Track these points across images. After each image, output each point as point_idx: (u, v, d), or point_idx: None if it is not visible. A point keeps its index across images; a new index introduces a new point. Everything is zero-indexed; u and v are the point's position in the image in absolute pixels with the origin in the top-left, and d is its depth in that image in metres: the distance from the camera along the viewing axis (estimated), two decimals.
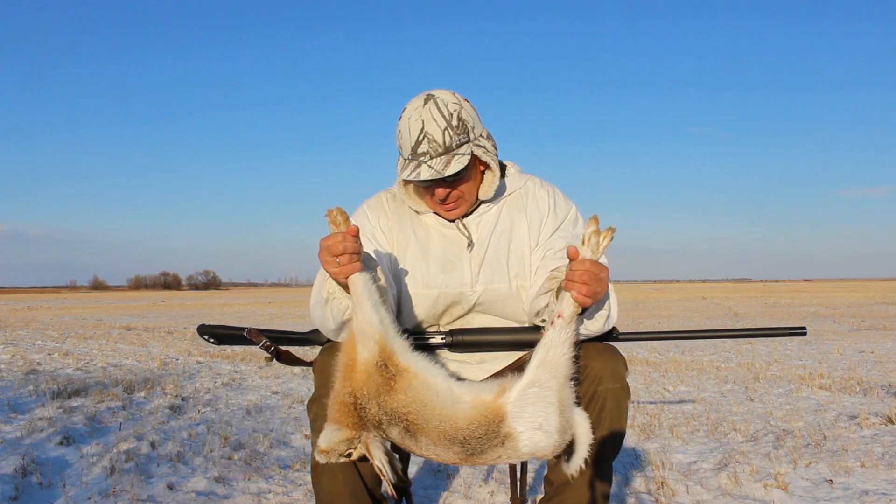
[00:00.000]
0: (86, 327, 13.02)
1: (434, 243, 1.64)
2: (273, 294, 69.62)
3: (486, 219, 1.65)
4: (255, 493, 2.43)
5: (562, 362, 1.26)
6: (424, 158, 1.50)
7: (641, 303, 24.60)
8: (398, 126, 1.56)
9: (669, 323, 13.22)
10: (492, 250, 1.62)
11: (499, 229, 1.64)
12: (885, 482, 2.49)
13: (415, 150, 1.51)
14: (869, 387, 4.68)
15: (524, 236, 1.64)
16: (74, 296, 74.64)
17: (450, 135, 1.51)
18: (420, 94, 1.55)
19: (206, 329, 1.75)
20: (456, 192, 1.56)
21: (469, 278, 1.62)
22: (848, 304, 20.83)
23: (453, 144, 1.51)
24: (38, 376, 5.41)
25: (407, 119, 1.53)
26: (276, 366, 6.10)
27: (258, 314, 19.23)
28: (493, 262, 1.62)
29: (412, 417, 1.26)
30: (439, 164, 1.49)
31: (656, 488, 2.47)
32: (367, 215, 1.69)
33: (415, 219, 1.67)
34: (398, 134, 1.55)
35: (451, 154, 1.51)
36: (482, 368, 1.66)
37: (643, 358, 6.75)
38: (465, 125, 1.53)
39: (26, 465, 2.63)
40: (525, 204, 1.66)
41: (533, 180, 1.71)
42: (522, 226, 1.64)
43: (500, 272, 1.62)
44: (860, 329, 10.82)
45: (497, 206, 1.66)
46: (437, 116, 1.51)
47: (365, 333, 1.30)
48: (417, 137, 1.51)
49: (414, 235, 1.65)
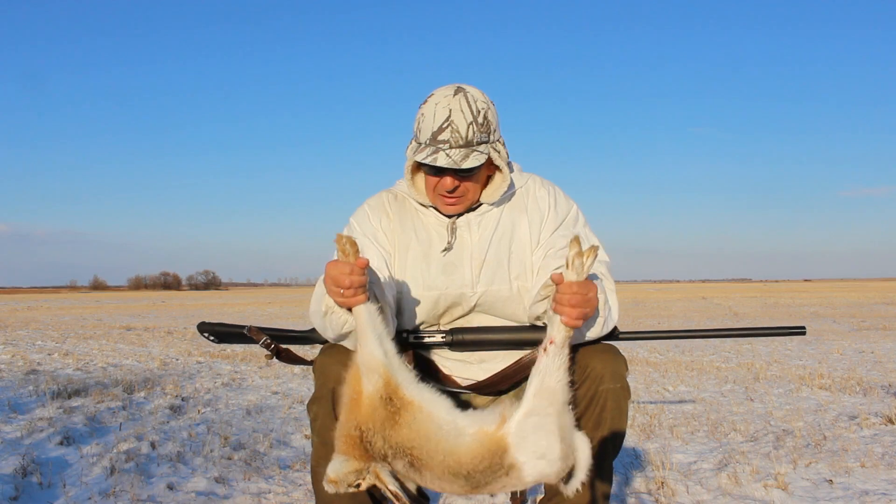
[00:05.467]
0: (86, 327, 13.02)
1: (435, 245, 1.63)
2: (273, 294, 69.60)
3: (487, 219, 1.64)
4: (255, 493, 2.43)
5: (558, 389, 1.25)
6: (444, 146, 1.49)
7: (641, 303, 24.59)
8: (421, 109, 1.54)
9: (669, 323, 13.22)
10: (493, 252, 1.61)
11: (500, 230, 1.63)
12: (885, 482, 2.49)
13: (436, 135, 1.50)
14: (869, 387, 4.68)
15: (525, 237, 1.63)
16: (74, 296, 74.62)
17: (473, 130, 1.50)
18: (450, 85, 1.54)
19: (206, 326, 1.75)
20: (462, 188, 1.56)
21: (470, 280, 1.61)
22: (848, 304, 20.83)
23: (474, 141, 1.51)
24: (38, 376, 5.40)
25: (434, 104, 1.52)
26: (277, 366, 6.09)
27: (258, 314, 19.23)
28: (493, 264, 1.61)
29: (416, 452, 1.26)
30: (457, 155, 1.49)
31: (656, 488, 2.47)
32: (368, 216, 1.68)
33: (416, 220, 1.66)
34: (419, 117, 1.54)
35: (470, 149, 1.50)
36: (483, 368, 1.66)
37: (643, 358, 6.75)
38: (489, 125, 1.53)
39: (26, 465, 2.62)
40: (526, 203, 1.66)
41: (533, 179, 1.70)
42: (523, 226, 1.63)
43: (500, 274, 1.61)
44: (860, 329, 10.82)
45: (499, 207, 1.65)
46: (465, 109, 1.50)
47: (369, 367, 1.30)
48: (442, 124, 1.49)
49: (415, 236, 1.64)
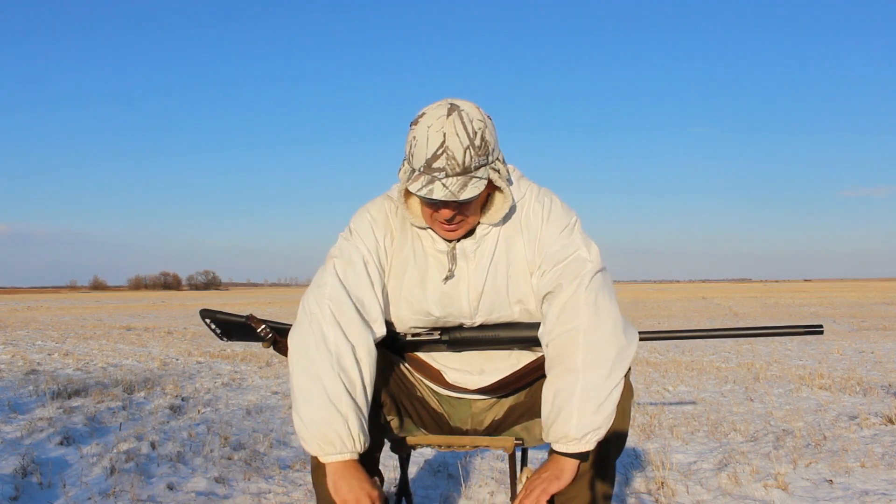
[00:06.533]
0: (86, 327, 13.02)
1: (431, 271, 1.56)
2: (273, 294, 69.64)
3: (484, 244, 1.55)
4: (255, 493, 2.43)
5: None
6: (439, 175, 1.38)
7: (641, 303, 24.61)
8: (413, 131, 1.43)
9: (669, 323, 13.22)
10: (490, 281, 1.54)
11: (497, 257, 1.55)
12: (885, 482, 2.49)
13: (430, 163, 1.39)
14: (869, 387, 4.68)
15: (521, 259, 1.55)
16: (74, 296, 74.66)
17: (470, 155, 1.38)
18: (442, 102, 1.43)
19: (207, 313, 1.74)
20: (461, 216, 1.47)
21: (468, 311, 1.56)
22: (848, 304, 20.83)
23: (472, 166, 1.39)
24: (38, 376, 5.40)
25: (426, 127, 1.40)
26: (276, 366, 6.10)
27: (258, 313, 19.17)
28: (492, 293, 1.55)
29: None
30: (455, 185, 1.38)
31: (656, 488, 2.47)
32: (372, 231, 1.58)
33: (415, 239, 1.58)
34: (412, 140, 1.42)
35: (468, 176, 1.39)
36: (482, 378, 1.66)
37: (643, 358, 6.76)
38: (486, 146, 1.42)
39: (26, 465, 2.63)
40: (520, 221, 1.57)
41: (530, 191, 1.60)
42: (519, 246, 1.55)
43: (499, 302, 1.55)
44: (860, 329, 10.83)
45: (496, 229, 1.56)
46: (460, 132, 1.38)
47: None
48: (436, 151, 1.38)
49: (413, 258, 1.57)
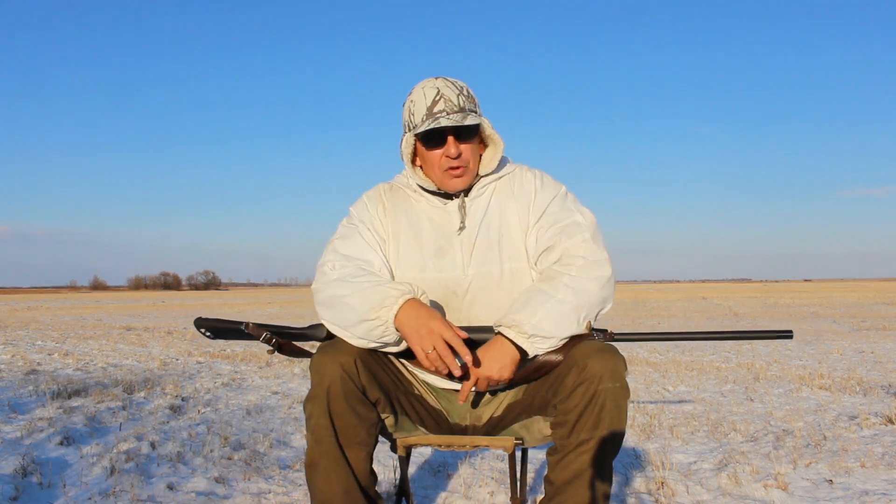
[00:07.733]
0: (86, 327, 13.02)
1: (425, 229, 1.70)
2: (273, 294, 69.59)
3: (476, 204, 1.71)
4: (255, 494, 2.43)
5: None
6: (441, 115, 1.58)
7: (641, 303, 24.60)
8: (410, 98, 1.64)
9: (669, 323, 13.22)
10: (482, 235, 1.68)
11: (489, 215, 1.70)
12: (885, 482, 2.49)
13: (431, 109, 1.60)
14: (869, 387, 4.68)
15: (514, 221, 1.70)
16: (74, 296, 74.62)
17: (463, 99, 1.61)
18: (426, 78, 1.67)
19: (202, 322, 1.69)
20: (465, 155, 1.63)
21: (461, 262, 1.67)
22: (848, 304, 20.82)
23: (466, 108, 1.61)
24: (38, 376, 5.40)
25: (421, 89, 1.62)
26: (276, 366, 6.10)
27: (258, 314, 19.23)
28: (484, 247, 1.67)
29: None
30: (457, 117, 1.58)
31: (656, 488, 2.47)
32: (366, 205, 1.75)
33: (408, 207, 1.74)
34: (409, 105, 1.64)
35: (465, 112, 1.60)
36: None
37: (643, 358, 6.75)
38: (474, 100, 1.66)
39: (26, 465, 2.63)
40: (513, 188, 1.73)
41: (521, 167, 1.78)
42: (512, 210, 1.70)
43: (491, 256, 1.67)
44: (860, 329, 10.82)
45: (487, 193, 1.72)
46: (450, 85, 1.62)
47: None
48: (434, 98, 1.60)
49: (406, 221, 1.72)
